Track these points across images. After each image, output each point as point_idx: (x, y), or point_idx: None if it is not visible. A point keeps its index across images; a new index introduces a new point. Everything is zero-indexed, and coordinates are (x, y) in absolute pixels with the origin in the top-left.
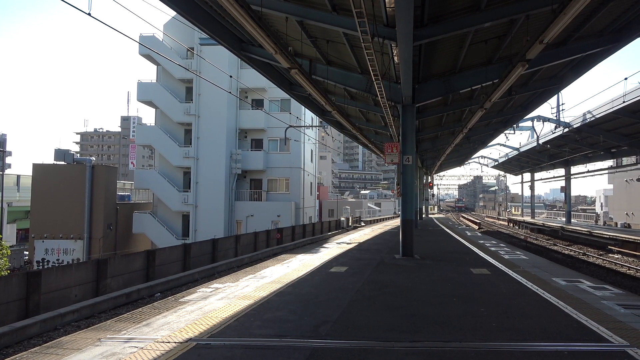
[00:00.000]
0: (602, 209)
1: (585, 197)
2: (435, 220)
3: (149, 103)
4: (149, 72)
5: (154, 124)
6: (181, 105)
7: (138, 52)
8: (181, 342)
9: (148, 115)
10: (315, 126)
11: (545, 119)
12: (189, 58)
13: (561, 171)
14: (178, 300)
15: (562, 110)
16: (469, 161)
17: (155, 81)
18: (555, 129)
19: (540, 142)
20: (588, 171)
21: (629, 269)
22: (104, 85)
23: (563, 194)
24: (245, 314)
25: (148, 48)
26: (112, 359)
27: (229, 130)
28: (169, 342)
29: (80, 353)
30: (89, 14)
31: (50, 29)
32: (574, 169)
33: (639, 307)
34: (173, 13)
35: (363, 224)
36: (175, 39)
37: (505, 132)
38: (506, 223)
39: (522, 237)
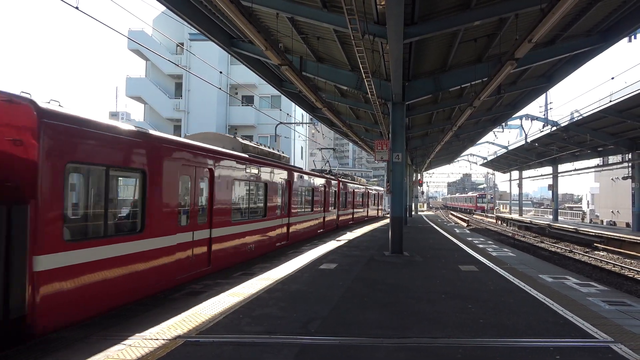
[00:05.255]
0: (588, 207)
1: (572, 195)
2: (424, 218)
3: (138, 99)
4: (138, 68)
5: (142, 120)
6: (170, 101)
7: (127, 47)
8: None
9: (137, 111)
10: (306, 123)
11: (533, 118)
12: (178, 54)
13: (549, 169)
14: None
15: (550, 109)
16: (458, 159)
17: (144, 77)
18: (543, 128)
19: (529, 140)
20: (575, 169)
21: (614, 266)
22: (92, 80)
23: (550, 192)
24: (233, 311)
25: (137, 43)
26: None
27: (219, 126)
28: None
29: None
30: (77, 8)
31: (36, 22)
32: (561, 167)
33: (623, 304)
34: (163, 8)
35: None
36: (164, 34)
37: (494, 130)
38: (494, 220)
39: (510, 234)
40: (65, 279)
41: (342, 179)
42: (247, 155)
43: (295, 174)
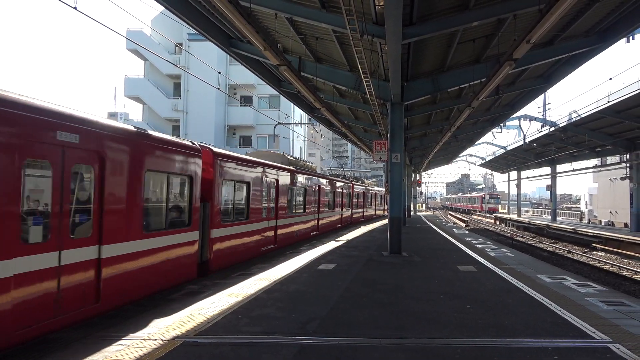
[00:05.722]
0: (586, 207)
1: (570, 195)
2: (423, 218)
3: (136, 99)
4: (136, 68)
5: (141, 121)
6: (169, 101)
7: (125, 47)
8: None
9: (135, 112)
10: (304, 123)
11: (531, 118)
12: (177, 54)
13: (547, 170)
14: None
15: (549, 109)
16: (457, 159)
17: (142, 77)
18: (541, 128)
19: (527, 140)
20: (573, 170)
21: (612, 266)
22: (91, 80)
23: (549, 192)
24: (232, 312)
25: (135, 43)
26: None
27: (217, 126)
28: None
29: None
30: (75, 8)
31: (34, 23)
32: (560, 168)
33: (621, 304)
34: (161, 8)
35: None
36: (163, 35)
37: (493, 130)
38: (493, 221)
39: (509, 234)
40: (220, 242)
41: (355, 183)
42: (293, 168)
43: (323, 180)
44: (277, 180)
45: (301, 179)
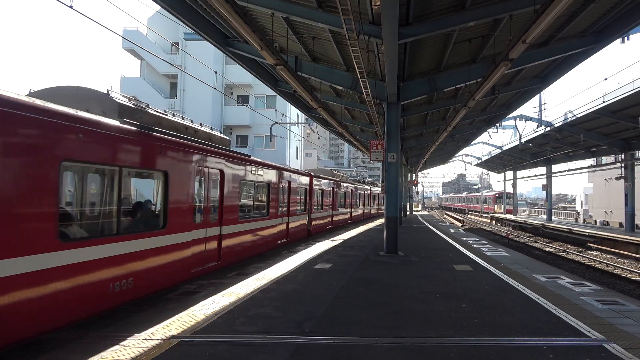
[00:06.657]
0: (582, 207)
1: (566, 195)
2: (419, 218)
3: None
4: (133, 67)
5: None
6: (165, 100)
7: (122, 46)
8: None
9: None
10: (301, 123)
11: (527, 118)
12: (173, 53)
13: (543, 169)
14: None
15: (544, 109)
16: (453, 159)
17: (139, 76)
18: (537, 128)
19: (523, 140)
20: (569, 170)
21: (607, 266)
22: (87, 79)
23: (544, 192)
24: (228, 311)
25: (132, 42)
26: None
27: (214, 126)
28: None
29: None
30: (71, 7)
31: (30, 21)
32: (555, 168)
33: (616, 303)
34: (158, 7)
35: None
36: (159, 34)
37: (489, 130)
38: (489, 220)
39: (504, 234)
40: (314, 221)
41: (371, 186)
42: (338, 179)
43: (352, 186)
44: (333, 188)
45: (342, 186)
